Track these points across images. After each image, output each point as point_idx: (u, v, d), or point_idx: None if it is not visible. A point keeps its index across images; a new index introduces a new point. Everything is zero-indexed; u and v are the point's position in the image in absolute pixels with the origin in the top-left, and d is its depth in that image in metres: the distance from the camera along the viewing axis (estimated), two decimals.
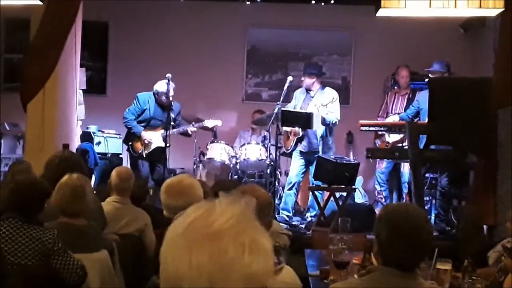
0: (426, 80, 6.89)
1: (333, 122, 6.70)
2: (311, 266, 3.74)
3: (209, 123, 7.12)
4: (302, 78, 6.99)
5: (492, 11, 4.94)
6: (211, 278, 1.00)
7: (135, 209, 4.35)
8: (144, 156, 7.01)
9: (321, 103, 6.69)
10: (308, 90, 6.91)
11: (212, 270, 1.00)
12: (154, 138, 6.98)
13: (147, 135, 6.97)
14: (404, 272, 2.20)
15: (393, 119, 6.99)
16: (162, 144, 6.88)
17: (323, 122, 6.61)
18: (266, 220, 2.56)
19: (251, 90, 9.17)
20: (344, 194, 6.20)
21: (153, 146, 6.98)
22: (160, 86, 6.91)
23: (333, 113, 6.68)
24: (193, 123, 7.09)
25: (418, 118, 6.67)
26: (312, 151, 6.70)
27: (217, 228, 1.03)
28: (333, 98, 6.73)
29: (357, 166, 6.23)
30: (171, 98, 6.81)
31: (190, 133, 7.11)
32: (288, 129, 6.90)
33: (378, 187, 7.41)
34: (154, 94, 6.99)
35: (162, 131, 6.90)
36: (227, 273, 1.00)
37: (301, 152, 6.79)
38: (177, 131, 7.02)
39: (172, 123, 6.87)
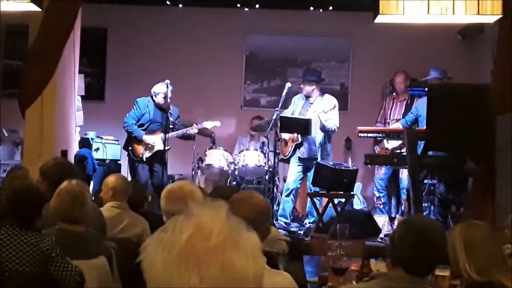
0: (426, 89, 6.87)
1: (332, 129, 6.70)
2: (310, 273, 3.74)
3: (207, 124, 7.14)
4: (302, 85, 6.98)
5: (490, 17, 4.94)
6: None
7: (133, 215, 4.34)
8: (145, 160, 7.02)
9: (322, 109, 6.65)
10: (307, 96, 6.90)
11: (226, 281, 1.02)
12: (155, 141, 7.00)
13: (148, 138, 6.99)
14: (412, 275, 2.19)
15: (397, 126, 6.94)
16: (162, 147, 6.93)
17: (322, 129, 6.61)
18: (264, 227, 2.54)
19: (250, 96, 9.18)
20: (343, 200, 6.19)
21: (154, 149, 7.00)
22: (158, 87, 7.00)
23: (332, 120, 6.68)
24: (194, 123, 7.13)
25: (416, 125, 6.66)
26: (311, 157, 6.69)
27: (215, 241, 1.04)
28: (334, 106, 6.73)
29: (355, 172, 6.23)
30: (169, 100, 6.85)
31: (193, 133, 7.12)
32: (287, 135, 6.89)
33: (376, 194, 7.39)
34: (152, 96, 7.02)
35: (162, 134, 6.94)
36: (240, 281, 1.03)
37: (299, 158, 6.78)
38: (176, 134, 7.06)
39: (171, 127, 6.92)
